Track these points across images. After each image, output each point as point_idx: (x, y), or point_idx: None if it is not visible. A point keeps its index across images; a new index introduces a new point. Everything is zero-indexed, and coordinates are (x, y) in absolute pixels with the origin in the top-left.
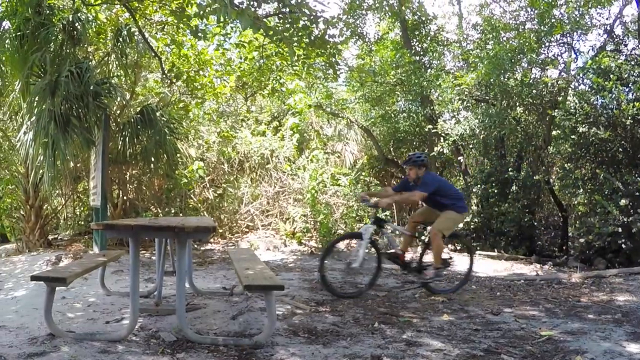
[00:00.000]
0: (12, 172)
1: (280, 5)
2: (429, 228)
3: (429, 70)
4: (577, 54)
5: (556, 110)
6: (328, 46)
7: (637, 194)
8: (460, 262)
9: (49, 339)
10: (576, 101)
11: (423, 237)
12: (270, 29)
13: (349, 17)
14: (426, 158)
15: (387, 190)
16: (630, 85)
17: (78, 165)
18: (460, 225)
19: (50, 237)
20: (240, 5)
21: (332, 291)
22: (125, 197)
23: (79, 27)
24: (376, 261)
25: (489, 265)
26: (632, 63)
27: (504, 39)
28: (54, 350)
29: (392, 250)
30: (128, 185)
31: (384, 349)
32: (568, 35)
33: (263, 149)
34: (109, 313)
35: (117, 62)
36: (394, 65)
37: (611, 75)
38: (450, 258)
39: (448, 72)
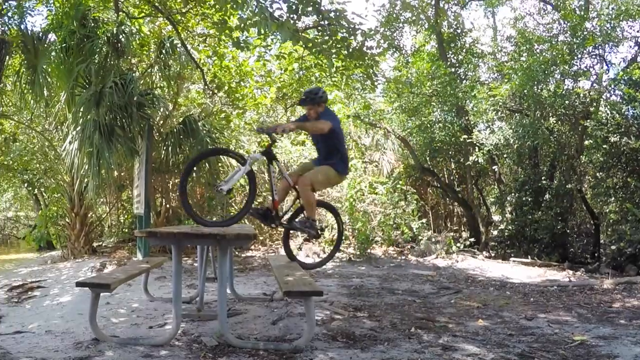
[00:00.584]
0: (57, 180)
1: (319, 18)
2: None
3: (464, 82)
4: (609, 65)
5: (588, 121)
6: (366, 58)
7: None
8: (493, 269)
9: (94, 344)
10: (608, 112)
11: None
12: (310, 41)
13: (386, 29)
14: (324, 93)
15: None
16: None
17: (122, 174)
18: (495, 232)
19: (94, 244)
20: (280, 18)
21: (194, 217)
22: (168, 205)
23: (123, 39)
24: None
25: (523, 272)
26: None
27: (538, 51)
28: (98, 354)
29: (263, 207)
30: (171, 193)
31: (420, 353)
32: (600, 47)
33: (302, 158)
34: (152, 318)
35: (160, 74)
36: (430, 76)
37: None
38: (322, 229)
39: (483, 83)
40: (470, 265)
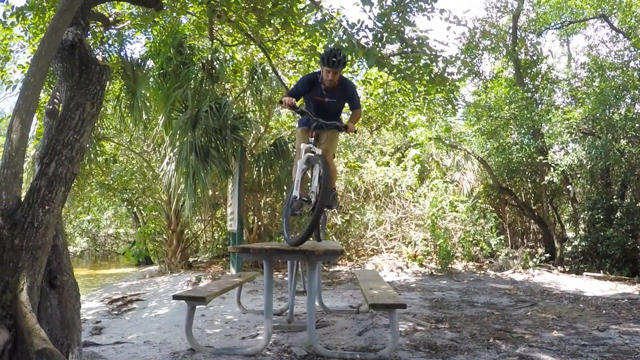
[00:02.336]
0: (155, 199)
1: (403, 45)
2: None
3: (540, 106)
4: None
5: None
6: (447, 83)
7: None
8: (567, 283)
9: (190, 354)
10: None
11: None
12: (394, 67)
13: (466, 56)
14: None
15: (292, 100)
16: None
17: (216, 193)
18: (569, 248)
19: (190, 260)
20: (367, 45)
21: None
22: (260, 223)
23: (217, 65)
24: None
25: (595, 285)
26: None
27: (609, 77)
28: None
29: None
30: (262, 211)
31: None
32: None
33: (387, 178)
34: (245, 330)
35: (252, 98)
36: (508, 101)
37: None
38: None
39: (557, 107)
40: (546, 279)
